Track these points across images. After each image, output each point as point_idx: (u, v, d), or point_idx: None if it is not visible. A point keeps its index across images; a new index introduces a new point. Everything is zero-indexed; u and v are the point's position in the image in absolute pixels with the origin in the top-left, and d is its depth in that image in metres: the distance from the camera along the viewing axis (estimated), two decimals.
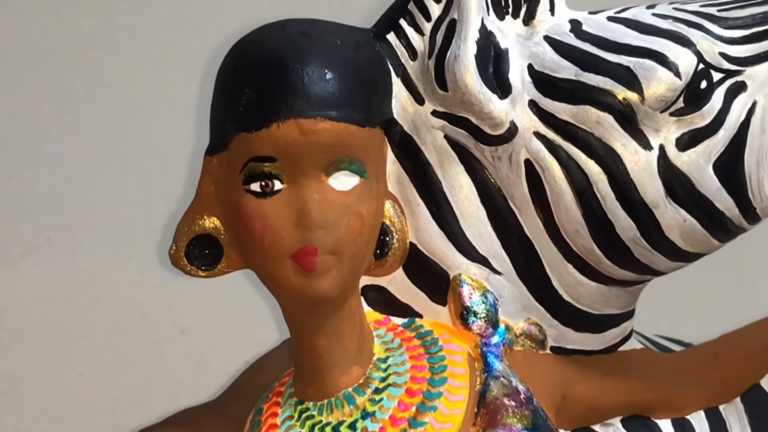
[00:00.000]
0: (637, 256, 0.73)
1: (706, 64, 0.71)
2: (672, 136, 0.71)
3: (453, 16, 0.71)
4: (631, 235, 0.72)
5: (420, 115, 0.73)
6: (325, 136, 0.67)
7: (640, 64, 0.70)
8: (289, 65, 0.67)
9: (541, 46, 0.72)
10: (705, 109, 0.71)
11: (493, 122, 0.71)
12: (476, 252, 0.74)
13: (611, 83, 0.70)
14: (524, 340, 0.75)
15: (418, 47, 0.73)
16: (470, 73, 0.70)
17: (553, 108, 0.71)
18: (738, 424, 0.83)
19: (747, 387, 0.82)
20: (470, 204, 0.74)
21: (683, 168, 0.71)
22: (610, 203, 0.71)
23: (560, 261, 0.74)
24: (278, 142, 0.67)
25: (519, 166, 0.72)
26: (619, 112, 0.70)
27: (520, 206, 0.73)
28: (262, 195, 0.68)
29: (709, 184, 0.71)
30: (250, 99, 0.68)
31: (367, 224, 0.68)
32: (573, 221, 0.72)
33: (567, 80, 0.71)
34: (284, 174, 0.67)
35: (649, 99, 0.70)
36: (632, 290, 0.78)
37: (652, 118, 0.70)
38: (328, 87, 0.67)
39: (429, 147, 0.74)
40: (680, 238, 0.72)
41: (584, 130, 0.71)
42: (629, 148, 0.71)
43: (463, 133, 0.72)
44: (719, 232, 0.73)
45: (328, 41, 0.69)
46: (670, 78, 0.70)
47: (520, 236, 0.74)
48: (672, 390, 0.81)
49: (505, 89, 0.71)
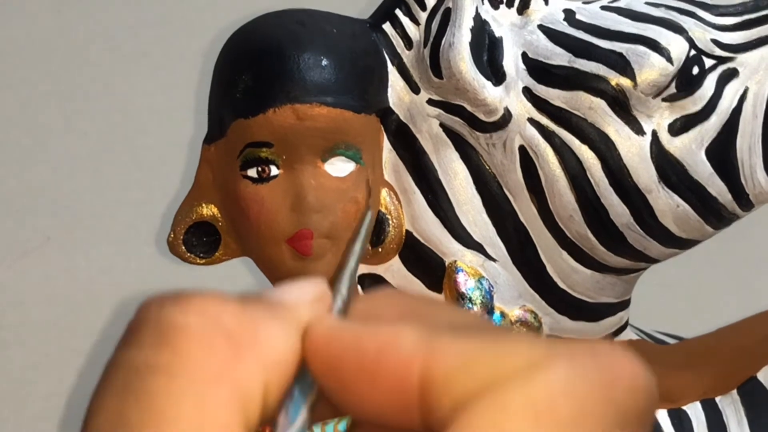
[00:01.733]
0: (631, 243, 0.73)
1: (698, 50, 0.71)
2: (665, 122, 0.71)
3: (448, 5, 0.72)
4: (624, 220, 0.72)
5: (416, 103, 0.74)
6: (321, 121, 0.67)
7: (632, 50, 0.70)
8: (285, 52, 0.68)
9: (535, 35, 0.73)
10: (697, 94, 0.71)
11: (488, 109, 0.71)
12: (471, 239, 0.74)
13: (604, 69, 0.71)
14: (519, 328, 0.75)
15: (414, 37, 0.74)
16: (465, 61, 0.70)
17: (546, 94, 0.72)
18: (734, 416, 0.83)
19: (744, 379, 0.82)
20: (465, 191, 0.74)
21: (676, 153, 0.71)
22: (603, 189, 0.72)
23: (555, 248, 0.74)
24: (274, 128, 0.67)
25: (513, 152, 0.73)
26: (612, 97, 0.71)
27: (515, 193, 0.74)
28: (258, 180, 0.68)
29: (702, 170, 0.72)
30: (246, 86, 0.69)
31: (362, 210, 0.69)
32: (567, 207, 0.73)
33: (560, 67, 0.72)
34: (281, 159, 0.68)
35: (642, 84, 0.70)
36: (627, 279, 0.78)
37: (645, 103, 0.71)
38: (324, 73, 0.68)
39: (424, 135, 0.74)
40: (674, 224, 0.73)
41: (578, 116, 0.71)
42: (622, 134, 0.71)
43: (458, 121, 0.73)
44: (712, 218, 0.73)
45: (324, 30, 0.70)
46: (663, 63, 0.70)
47: (515, 223, 0.74)
48: (668, 381, 0.81)
49: (500, 76, 0.72)
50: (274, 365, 0.29)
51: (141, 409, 0.27)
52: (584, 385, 0.28)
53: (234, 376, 0.28)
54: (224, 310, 0.29)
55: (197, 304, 0.29)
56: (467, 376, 0.28)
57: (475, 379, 0.28)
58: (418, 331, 0.29)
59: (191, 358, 0.28)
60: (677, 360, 0.82)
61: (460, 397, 0.28)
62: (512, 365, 0.28)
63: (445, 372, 0.28)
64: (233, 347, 0.28)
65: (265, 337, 0.29)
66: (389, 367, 0.28)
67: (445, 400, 0.28)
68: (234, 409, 0.28)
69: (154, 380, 0.28)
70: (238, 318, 0.29)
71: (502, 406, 0.27)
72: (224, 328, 0.29)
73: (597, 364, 0.28)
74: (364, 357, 0.29)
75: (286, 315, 0.30)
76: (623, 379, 0.28)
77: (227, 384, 0.28)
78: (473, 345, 0.28)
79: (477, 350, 0.28)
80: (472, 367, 0.28)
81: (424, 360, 0.28)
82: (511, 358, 0.28)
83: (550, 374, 0.28)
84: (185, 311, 0.29)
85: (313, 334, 0.30)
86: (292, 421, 0.29)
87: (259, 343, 0.29)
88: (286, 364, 0.29)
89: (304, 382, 0.30)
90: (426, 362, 0.28)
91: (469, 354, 0.28)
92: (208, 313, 0.29)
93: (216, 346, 0.28)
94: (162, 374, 0.28)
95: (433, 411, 0.28)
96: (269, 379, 0.29)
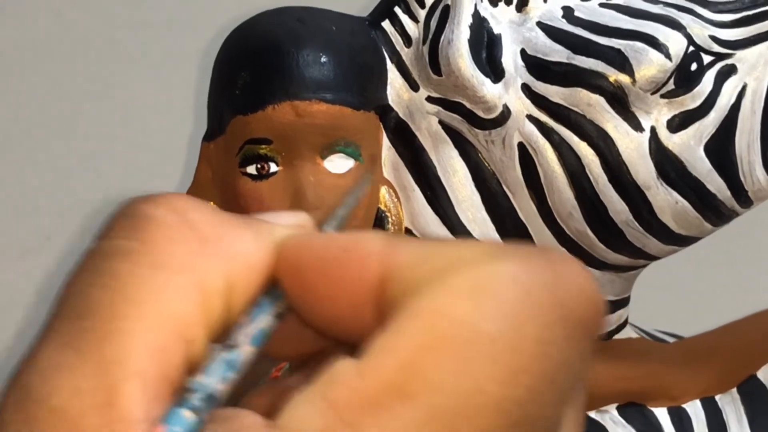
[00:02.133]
0: (630, 239, 0.73)
1: (697, 46, 0.71)
2: (663, 118, 0.71)
3: (446, 2, 0.72)
4: (623, 217, 0.72)
5: (415, 101, 0.74)
6: (320, 117, 0.67)
7: (630, 46, 0.70)
8: (284, 49, 0.68)
9: (534, 32, 0.73)
10: (695, 91, 0.71)
11: (486, 106, 0.72)
12: (471, 236, 0.74)
13: (603, 65, 0.71)
14: None
15: (413, 34, 0.74)
16: (463, 57, 0.70)
17: (545, 91, 0.72)
18: (734, 414, 0.83)
19: (744, 377, 0.82)
20: (465, 189, 0.74)
21: (674, 150, 0.72)
22: (602, 185, 0.72)
23: (554, 245, 0.74)
24: (274, 124, 0.67)
25: (512, 149, 0.73)
26: (610, 94, 0.71)
27: (514, 190, 0.74)
28: (258, 177, 0.69)
29: (701, 166, 0.72)
30: (245, 82, 0.69)
31: (362, 207, 0.69)
32: (566, 204, 0.73)
33: (559, 63, 0.72)
34: (280, 156, 0.68)
35: (640, 81, 0.70)
36: (626, 276, 0.78)
37: (644, 100, 0.71)
38: (323, 70, 0.68)
39: (424, 132, 0.74)
40: (672, 221, 0.73)
41: (576, 113, 0.72)
42: (621, 130, 0.71)
43: (457, 118, 0.73)
44: (711, 215, 0.74)
45: (323, 27, 0.70)
46: (661, 60, 0.70)
47: (514, 220, 0.74)
48: (668, 379, 0.81)
49: (498, 73, 0.72)
50: (241, 267, 0.30)
51: (104, 289, 0.29)
52: (533, 278, 0.28)
53: (196, 268, 0.29)
54: (197, 210, 0.30)
55: (171, 200, 0.30)
56: (422, 266, 0.28)
57: (427, 269, 0.28)
58: (386, 236, 0.30)
59: (156, 247, 0.29)
60: (677, 358, 0.82)
61: (412, 283, 0.28)
62: (464, 257, 0.28)
63: (401, 263, 0.29)
64: (199, 241, 0.29)
65: (234, 239, 0.30)
66: (351, 265, 0.29)
67: (397, 288, 0.28)
68: (193, 299, 0.29)
69: (119, 265, 0.29)
70: (209, 219, 0.30)
71: (448, 288, 0.28)
72: (193, 224, 0.30)
73: (548, 264, 0.28)
74: (328, 255, 0.30)
75: (262, 227, 0.31)
76: (572, 284, 0.28)
77: (188, 274, 0.29)
78: (433, 244, 0.29)
79: (434, 247, 0.29)
80: (428, 258, 0.29)
81: (384, 256, 0.29)
82: (464, 252, 0.29)
83: (500, 264, 0.28)
84: (157, 205, 0.30)
85: (285, 245, 0.31)
86: (252, 321, 0.30)
87: (227, 242, 0.30)
88: (254, 269, 0.30)
89: (274, 294, 0.31)
90: (385, 259, 0.29)
91: (426, 250, 0.29)
92: (180, 209, 0.30)
93: (182, 238, 0.29)
94: (127, 260, 0.29)
95: (386, 305, 0.29)
96: (234, 280, 0.30)
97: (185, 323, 0.29)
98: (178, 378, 0.28)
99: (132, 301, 0.28)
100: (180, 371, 0.28)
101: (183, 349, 0.28)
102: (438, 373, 0.27)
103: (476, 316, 0.27)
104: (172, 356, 0.28)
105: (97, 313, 0.28)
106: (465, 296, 0.27)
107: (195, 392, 0.28)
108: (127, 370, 0.27)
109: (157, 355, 0.28)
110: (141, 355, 0.28)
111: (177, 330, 0.28)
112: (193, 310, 0.29)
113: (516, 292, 0.28)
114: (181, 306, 0.29)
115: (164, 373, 0.28)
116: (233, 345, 0.29)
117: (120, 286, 0.28)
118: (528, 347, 0.27)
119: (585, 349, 0.29)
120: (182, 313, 0.29)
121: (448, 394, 0.27)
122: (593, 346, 0.30)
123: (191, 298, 0.29)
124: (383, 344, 0.27)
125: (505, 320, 0.27)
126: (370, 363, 0.27)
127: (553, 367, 0.28)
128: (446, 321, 0.27)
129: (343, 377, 0.27)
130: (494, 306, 0.27)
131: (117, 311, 0.28)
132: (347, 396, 0.27)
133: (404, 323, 0.27)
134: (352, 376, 0.27)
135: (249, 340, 0.29)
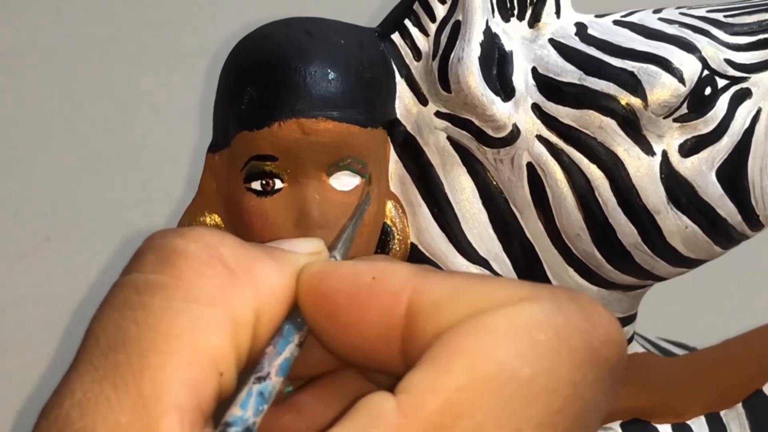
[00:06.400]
0: (639, 262, 0.73)
1: (711, 70, 0.70)
2: (675, 142, 0.71)
3: (458, 18, 0.71)
4: (632, 240, 0.72)
5: (423, 115, 0.73)
6: (326, 136, 0.66)
7: (644, 69, 0.69)
8: (291, 64, 0.67)
9: (546, 49, 0.72)
10: (709, 115, 0.70)
11: (496, 125, 0.71)
12: (477, 254, 0.74)
13: (615, 88, 0.70)
14: None
15: (423, 48, 0.73)
16: (473, 75, 0.69)
17: (556, 112, 0.71)
18: (739, 430, 0.82)
19: (749, 393, 0.82)
20: (472, 206, 0.73)
21: (686, 174, 0.71)
22: (611, 208, 0.71)
23: (561, 264, 0.73)
24: (279, 142, 0.67)
25: (521, 169, 0.72)
26: (622, 117, 0.70)
27: (522, 209, 0.73)
28: (262, 194, 0.68)
29: (712, 191, 0.71)
30: (252, 98, 0.68)
31: (367, 225, 0.68)
32: (574, 225, 0.72)
33: (571, 84, 0.71)
34: (285, 173, 0.67)
35: (653, 104, 0.69)
36: (633, 295, 0.78)
37: (656, 123, 0.70)
38: (331, 87, 0.67)
39: (431, 148, 0.73)
40: (682, 245, 0.72)
41: (587, 135, 0.71)
42: (632, 154, 0.70)
43: (466, 135, 0.72)
44: (721, 239, 0.73)
45: (331, 40, 0.69)
46: (674, 84, 0.69)
47: (521, 239, 0.73)
48: (673, 395, 0.80)
49: (509, 92, 0.71)
50: (267, 297, 0.31)
51: (138, 324, 0.29)
52: (565, 321, 0.29)
53: (228, 301, 0.30)
54: (224, 243, 0.31)
55: (199, 234, 0.31)
56: (454, 305, 0.29)
57: (461, 307, 0.29)
58: (413, 267, 0.30)
59: (189, 280, 0.30)
60: (681, 373, 0.81)
61: (445, 323, 0.29)
62: (499, 297, 0.29)
63: (432, 300, 0.29)
64: (229, 275, 0.30)
65: (260, 270, 0.31)
66: (380, 296, 0.30)
67: (429, 326, 0.29)
68: (225, 331, 0.30)
69: (152, 298, 0.30)
70: (236, 251, 0.31)
71: (486, 328, 0.28)
72: (222, 257, 0.31)
73: (578, 308, 0.30)
74: (357, 285, 0.30)
75: (283, 257, 0.32)
76: (601, 328, 0.30)
77: (221, 307, 0.30)
78: (463, 280, 0.30)
79: (466, 284, 0.30)
80: (460, 297, 0.29)
81: (414, 290, 0.30)
82: (499, 292, 0.29)
83: (534, 306, 0.29)
84: (187, 239, 0.31)
85: (307, 273, 0.31)
86: (280, 352, 0.31)
87: (255, 274, 0.31)
88: (278, 298, 0.31)
89: (296, 321, 0.32)
90: (415, 291, 0.30)
91: (457, 286, 0.30)
92: (209, 242, 0.31)
93: (213, 271, 0.30)
94: (160, 293, 0.30)
95: (416, 338, 0.29)
96: (261, 310, 0.31)
97: (218, 356, 0.29)
98: (210, 409, 0.29)
99: (166, 336, 0.29)
100: (213, 402, 0.29)
101: (216, 381, 0.29)
102: (480, 414, 0.27)
103: (514, 357, 0.28)
104: (206, 389, 0.29)
105: (132, 347, 0.29)
106: (503, 337, 0.28)
107: (232, 426, 0.29)
108: (164, 404, 0.28)
109: (193, 388, 0.28)
110: (177, 389, 0.28)
111: (210, 363, 0.29)
112: (225, 342, 0.30)
113: (550, 335, 0.28)
114: (213, 339, 0.29)
115: (199, 405, 0.29)
116: (263, 376, 0.30)
117: (153, 320, 0.29)
118: (562, 389, 0.28)
119: (611, 390, 0.30)
120: (215, 346, 0.29)
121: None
122: (618, 387, 0.30)
123: (223, 331, 0.30)
124: (424, 382, 0.28)
125: (541, 362, 0.28)
126: (411, 401, 0.28)
127: (585, 408, 0.29)
128: (486, 362, 0.28)
129: (385, 415, 0.27)
130: (530, 348, 0.28)
131: (152, 345, 0.29)
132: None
133: (444, 362, 0.28)
134: (394, 414, 0.27)
135: (277, 371, 0.30)
